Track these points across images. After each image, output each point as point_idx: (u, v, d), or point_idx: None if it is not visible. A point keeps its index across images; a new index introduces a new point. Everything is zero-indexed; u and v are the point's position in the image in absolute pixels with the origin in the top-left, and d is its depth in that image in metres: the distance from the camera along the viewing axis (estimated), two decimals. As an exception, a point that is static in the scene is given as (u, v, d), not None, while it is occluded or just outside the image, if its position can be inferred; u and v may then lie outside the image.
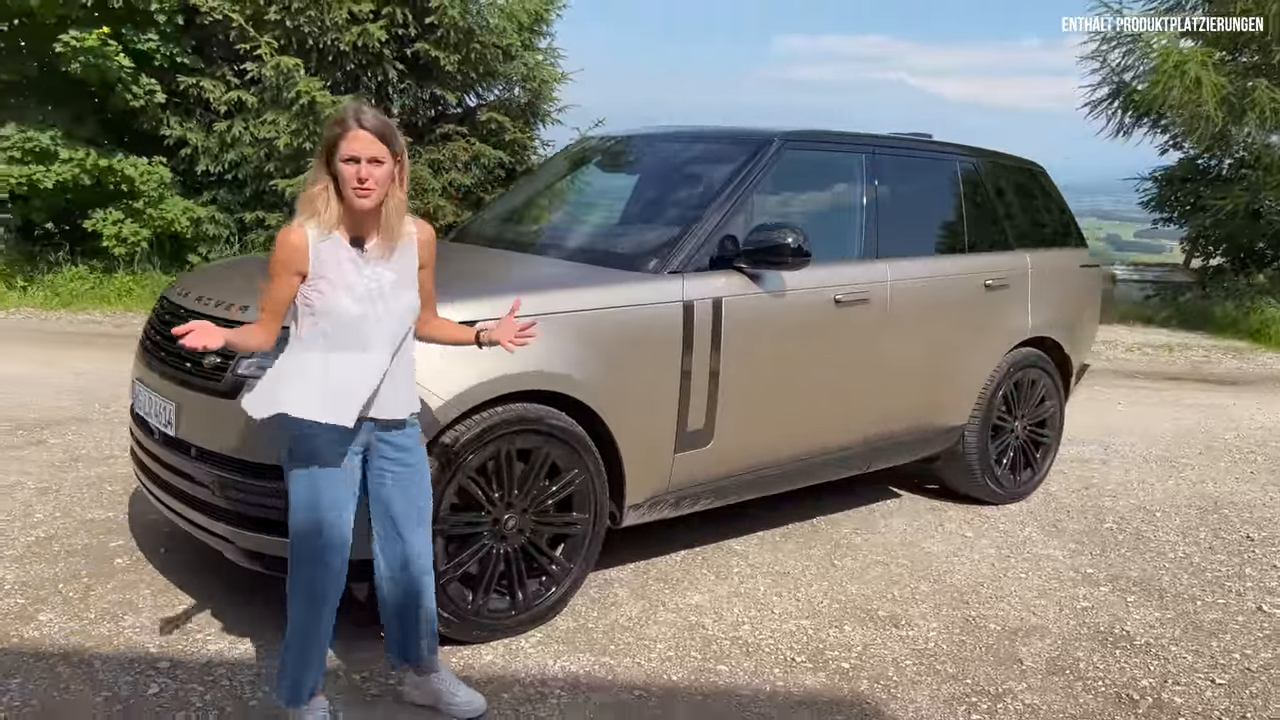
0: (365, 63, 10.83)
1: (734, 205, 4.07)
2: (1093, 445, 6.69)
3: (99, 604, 3.63)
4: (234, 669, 3.22)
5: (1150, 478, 5.97)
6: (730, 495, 4.16)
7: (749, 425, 4.09)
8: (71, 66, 9.77)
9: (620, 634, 3.59)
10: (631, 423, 3.69)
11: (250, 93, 10.58)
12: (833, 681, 3.35)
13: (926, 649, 3.61)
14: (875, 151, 4.63)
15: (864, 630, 3.73)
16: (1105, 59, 13.72)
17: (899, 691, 3.31)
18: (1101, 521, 5.11)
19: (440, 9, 10.53)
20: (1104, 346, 11.21)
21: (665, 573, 4.15)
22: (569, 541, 3.64)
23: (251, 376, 3.20)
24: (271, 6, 10.33)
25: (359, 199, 2.66)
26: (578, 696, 3.16)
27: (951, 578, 4.27)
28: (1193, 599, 4.19)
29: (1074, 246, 5.73)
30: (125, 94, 10.27)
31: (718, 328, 3.89)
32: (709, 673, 3.36)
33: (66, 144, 10.17)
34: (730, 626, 3.70)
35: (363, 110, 2.70)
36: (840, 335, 4.34)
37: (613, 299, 3.67)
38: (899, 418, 4.69)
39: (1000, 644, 3.69)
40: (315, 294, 2.69)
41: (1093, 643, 3.74)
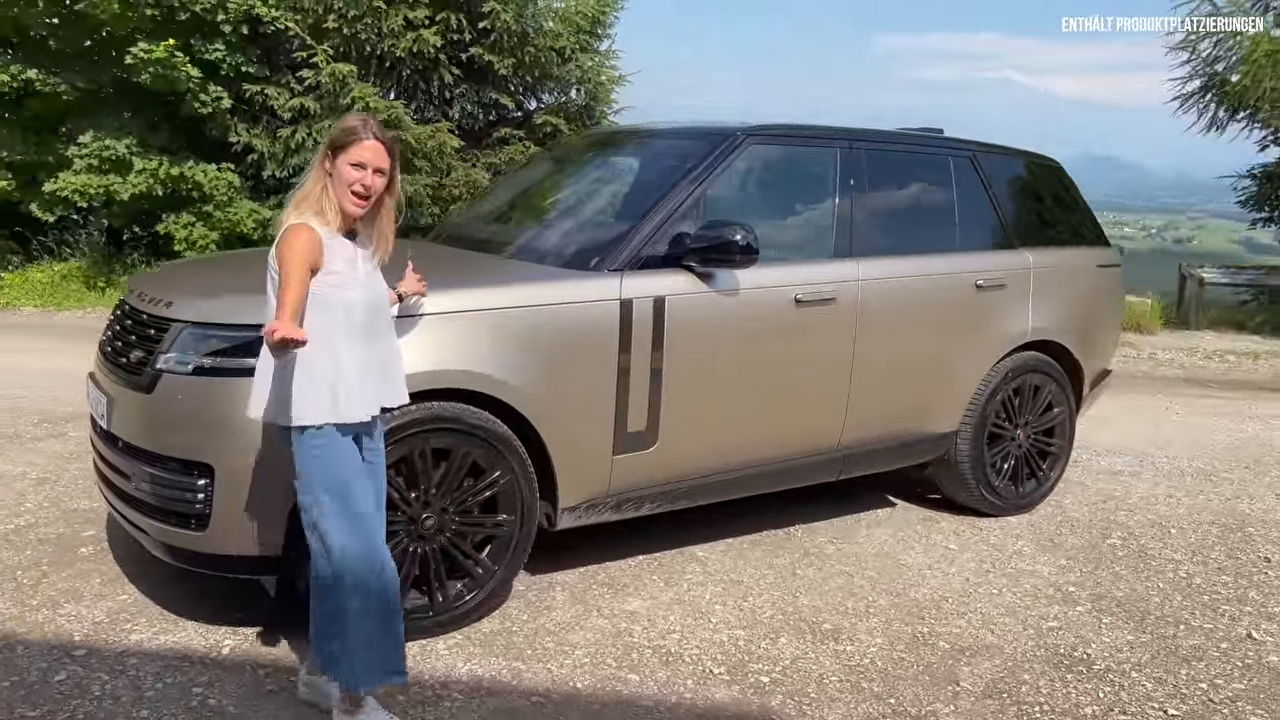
0: (422, 68, 11.01)
1: (686, 202, 3.96)
2: (1129, 456, 6.31)
3: (47, 591, 3.74)
4: (145, 659, 3.27)
5: (1179, 492, 5.60)
6: (681, 500, 4.05)
7: (698, 428, 3.97)
8: (142, 77, 10.19)
9: (542, 639, 3.53)
10: (562, 423, 3.63)
11: (311, 99, 10.86)
12: (744, 696, 3.21)
13: (859, 665, 3.44)
14: (852, 146, 4.45)
15: (799, 643, 3.58)
16: (1195, 50, 12.99)
17: (811, 709, 3.15)
18: (1106, 537, 4.81)
19: (493, 14, 10.63)
20: (1182, 354, 10.63)
21: (614, 577, 4.07)
22: (495, 543, 3.59)
23: (169, 372, 3.26)
24: (330, 15, 10.58)
25: (354, 205, 2.78)
26: (473, 700, 3.11)
27: (916, 592, 4.07)
28: (1177, 622, 3.90)
29: (1090, 245, 5.41)
30: (194, 102, 10.67)
31: (660, 327, 3.79)
32: (618, 681, 3.27)
33: (141, 152, 10.61)
34: (659, 635, 3.59)
35: (373, 122, 2.83)
36: (802, 336, 4.18)
37: (540, 297, 3.61)
38: (875, 423, 4.50)
39: (942, 663, 3.49)
40: (330, 288, 2.74)
41: (1045, 666, 3.50)
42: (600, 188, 4.47)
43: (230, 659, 3.29)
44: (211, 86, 10.72)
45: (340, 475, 2.76)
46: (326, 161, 2.80)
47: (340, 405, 2.73)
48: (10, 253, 11.61)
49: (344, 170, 2.76)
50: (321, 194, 2.79)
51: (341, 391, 2.73)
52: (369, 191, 2.79)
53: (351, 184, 2.76)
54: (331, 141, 2.81)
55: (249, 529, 3.19)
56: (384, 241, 2.94)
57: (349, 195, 2.77)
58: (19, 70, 10.29)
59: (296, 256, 2.67)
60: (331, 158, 2.79)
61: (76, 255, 11.84)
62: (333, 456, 2.75)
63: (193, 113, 10.82)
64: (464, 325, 3.44)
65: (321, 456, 2.75)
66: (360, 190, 2.77)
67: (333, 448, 2.75)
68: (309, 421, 2.72)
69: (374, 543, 2.81)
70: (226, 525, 3.19)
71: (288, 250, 2.68)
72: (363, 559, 2.77)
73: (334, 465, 2.76)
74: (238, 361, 3.16)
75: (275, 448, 3.06)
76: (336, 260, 2.76)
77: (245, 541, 3.20)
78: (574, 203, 4.48)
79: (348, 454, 2.78)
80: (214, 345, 3.22)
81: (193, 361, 3.22)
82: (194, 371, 3.21)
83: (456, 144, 10.81)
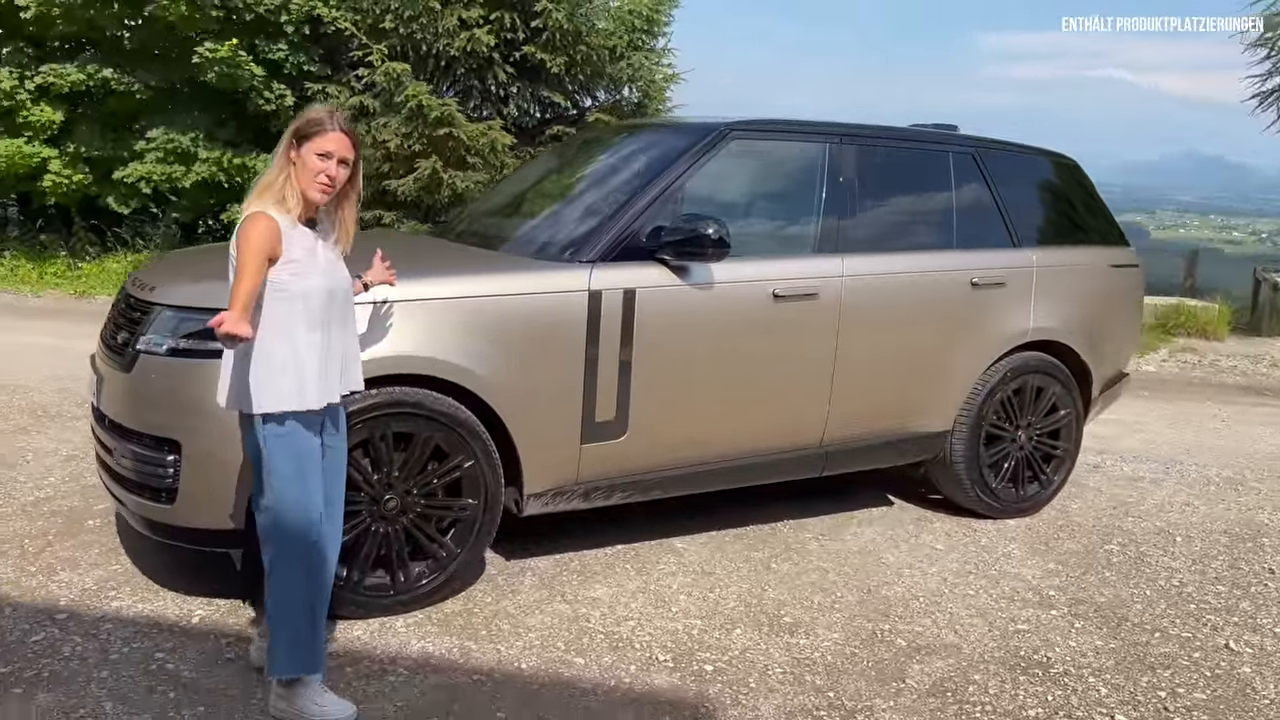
0: (476, 67, 11.21)
1: (663, 195, 4.01)
2: (1156, 463, 6.14)
3: (47, 559, 3.95)
4: (120, 625, 3.44)
5: (1198, 500, 5.43)
6: (654, 490, 4.09)
7: (670, 420, 4.01)
8: (208, 75, 10.59)
9: (500, 621, 3.61)
10: (527, 411, 3.70)
11: (368, 96, 11.14)
12: (682, 683, 3.25)
13: (808, 659, 3.45)
14: (843, 141, 4.44)
15: (753, 635, 3.59)
16: (1276, 46, 12.48)
17: (747, 699, 3.18)
18: (1104, 543, 4.70)
19: (546, 12, 10.77)
20: (1246, 360, 10.25)
21: (587, 565, 4.13)
22: (459, 527, 3.69)
23: (146, 352, 3.43)
24: (387, 15, 10.85)
25: (319, 193, 2.84)
26: (416, 676, 3.20)
27: (888, 590, 4.05)
28: (1154, 630, 3.80)
29: (1104, 244, 5.29)
30: (258, 100, 11.05)
31: (630, 319, 3.84)
32: (562, 664, 3.33)
33: (206, 146, 11.05)
34: (615, 621, 3.64)
35: (338, 114, 2.90)
36: (780, 331, 4.18)
37: (507, 287, 3.69)
38: (860, 420, 4.47)
39: (894, 660, 3.47)
40: (289, 276, 2.80)
41: (1000, 667, 3.46)
42: (586, 182, 4.53)
43: (198, 628, 3.45)
44: (275, 85, 11.09)
45: (295, 465, 2.84)
46: (291, 151, 2.85)
47: (300, 394, 2.81)
48: (89, 244, 12.16)
49: (310, 159, 2.82)
50: (284, 183, 2.83)
51: (301, 380, 2.81)
52: (334, 181, 2.86)
53: (317, 173, 2.82)
54: (296, 131, 2.86)
55: (214, 504, 3.34)
56: (346, 231, 3.00)
57: (314, 184, 2.83)
58: (95, 70, 10.80)
59: (254, 245, 2.73)
60: (296, 147, 2.85)
61: (150, 246, 12.35)
62: (290, 445, 2.83)
63: (257, 110, 11.20)
64: (430, 313, 3.55)
65: (279, 444, 2.83)
66: (326, 179, 2.84)
67: (291, 436, 2.83)
68: (268, 409, 2.80)
69: (317, 538, 2.89)
70: (193, 500, 3.35)
71: (245, 239, 2.75)
72: (303, 552, 2.87)
73: (290, 454, 2.83)
74: (207, 344, 3.30)
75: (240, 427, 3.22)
76: (296, 248, 2.83)
77: (210, 516, 3.35)
78: (560, 197, 4.55)
79: (305, 443, 2.85)
80: (188, 328, 3.38)
81: (167, 343, 3.38)
82: (167, 352, 3.37)
83: (509, 141, 10.97)
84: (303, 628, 2.89)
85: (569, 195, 4.50)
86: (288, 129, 2.89)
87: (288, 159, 2.86)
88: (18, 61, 11.04)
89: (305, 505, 2.87)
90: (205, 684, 3.10)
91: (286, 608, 2.88)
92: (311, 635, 2.90)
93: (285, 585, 2.89)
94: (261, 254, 2.74)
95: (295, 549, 2.88)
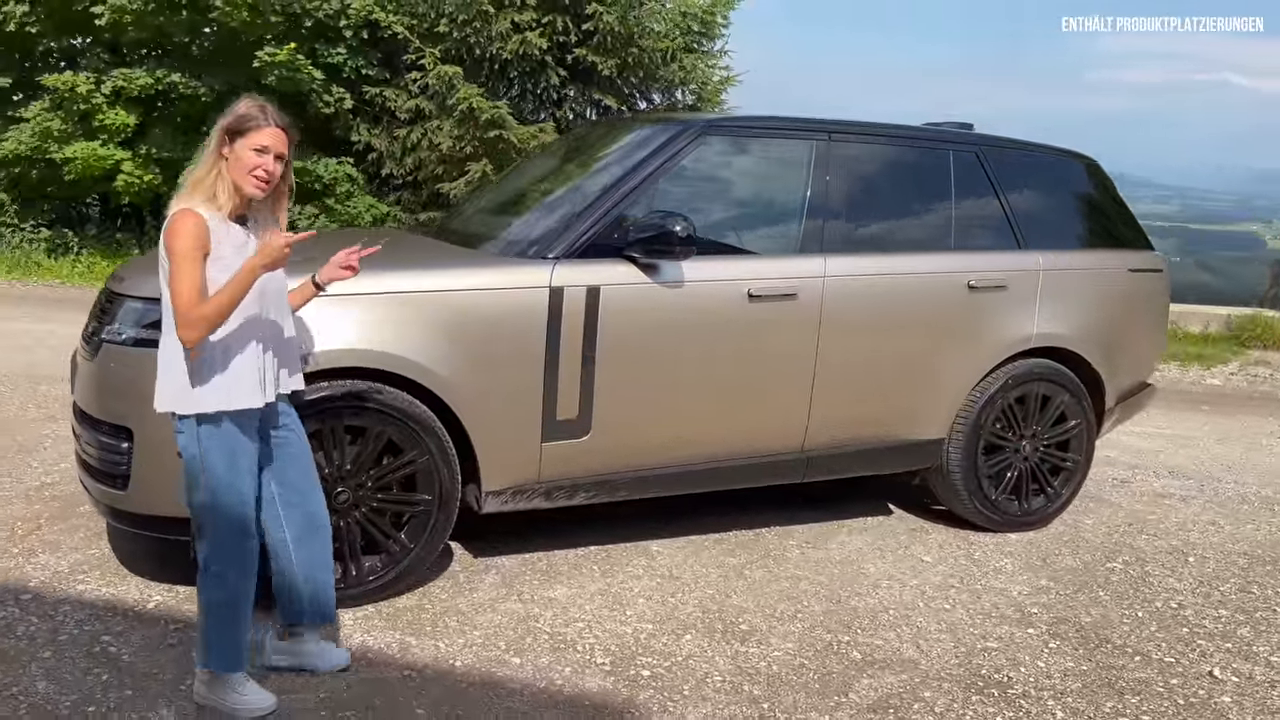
0: (529, 70, 11.30)
1: (632, 193, 3.95)
2: (1191, 479, 5.83)
3: (33, 542, 4.07)
4: (78, 607, 3.52)
5: (1226, 520, 5.14)
6: (620, 491, 4.03)
7: (637, 420, 3.94)
8: (269, 79, 10.88)
9: (450, 618, 3.59)
10: (484, 407, 3.68)
11: (424, 99, 11.32)
12: (614, 687, 3.18)
13: (752, 668, 3.35)
14: (831, 138, 4.32)
15: (703, 642, 3.50)
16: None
17: (676, 706, 3.09)
18: (1109, 560, 4.47)
19: (597, 15, 10.80)
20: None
21: (554, 565, 4.09)
22: (413, 522, 3.68)
23: (108, 341, 3.51)
24: (442, 20, 11.01)
25: (255, 188, 2.81)
26: (349, 670, 3.19)
27: (860, 601, 3.91)
28: (1135, 653, 3.60)
29: (1122, 248, 5.04)
30: (318, 102, 11.31)
31: (593, 316, 3.79)
32: (498, 663, 3.29)
33: (269, 148, 11.34)
34: (564, 623, 3.59)
35: (271, 108, 2.87)
36: (756, 333, 4.08)
37: (465, 282, 3.68)
38: (844, 425, 4.34)
39: (843, 674, 3.35)
40: (217, 273, 2.78)
41: (955, 685, 3.31)
42: (564, 179, 4.50)
43: (151, 613, 3.51)
44: (334, 88, 11.34)
45: (227, 464, 2.83)
46: (224, 146, 2.81)
47: (229, 393, 2.80)
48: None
49: (245, 155, 2.78)
50: (215, 179, 2.80)
51: (232, 379, 2.80)
52: (271, 176, 2.82)
53: (254, 169, 2.79)
54: (229, 127, 2.82)
55: (162, 491, 3.38)
56: (280, 225, 2.97)
57: (250, 179, 2.79)
58: (164, 74, 11.18)
59: (184, 244, 2.71)
60: (229, 143, 2.81)
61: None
62: (221, 445, 2.83)
63: (317, 113, 11.47)
64: (385, 307, 3.55)
65: (211, 445, 2.82)
66: (262, 175, 2.81)
67: (222, 436, 2.82)
68: (200, 409, 2.80)
69: (249, 539, 2.91)
70: (144, 486, 3.41)
71: (174, 238, 2.72)
72: (234, 553, 2.88)
73: (223, 454, 2.83)
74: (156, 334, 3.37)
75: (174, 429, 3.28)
76: (225, 246, 2.80)
77: (159, 503, 3.40)
78: (538, 194, 4.52)
79: (237, 443, 2.85)
80: (151, 318, 3.44)
81: (125, 332, 3.46)
82: (123, 341, 3.45)
83: (560, 143, 11.03)
84: (229, 626, 2.91)
85: (546, 193, 4.46)
86: (218, 124, 2.85)
87: (219, 155, 2.81)
88: (94, 66, 11.52)
89: (238, 506, 2.87)
90: (141, 668, 3.15)
91: (215, 606, 2.90)
92: (236, 633, 2.92)
93: (215, 584, 2.90)
94: (194, 250, 2.72)
95: (226, 549, 2.89)
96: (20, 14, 11.16)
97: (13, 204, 12.51)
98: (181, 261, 2.72)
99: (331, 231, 8.40)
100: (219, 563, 2.89)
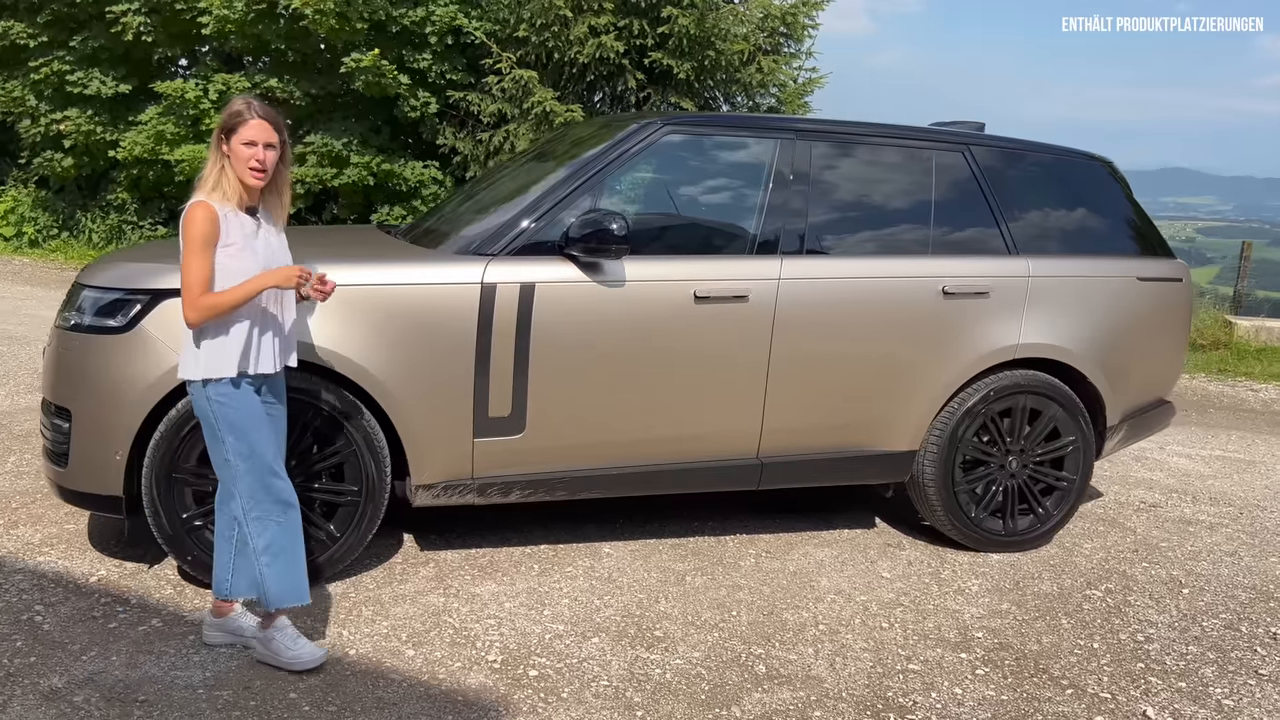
0: (607, 74, 11.36)
1: (577, 190, 3.93)
2: (1230, 507, 5.40)
3: (20, 515, 4.32)
4: (28, 577, 3.71)
5: (1249, 552, 4.73)
6: (559, 490, 4.00)
7: (574, 419, 3.91)
8: (356, 84, 11.29)
9: (366, 607, 3.64)
10: (411, 401, 3.71)
11: (505, 102, 11.52)
12: (494, 685, 3.16)
13: (645, 675, 3.27)
14: (797, 137, 4.19)
15: (607, 646, 3.45)
16: None
17: (546, 708, 3.05)
18: (1091, 587, 4.19)
19: (672, 19, 10.77)
20: None
21: (495, 561, 4.10)
22: (341, 512, 3.75)
23: (60, 327, 3.71)
24: (521, 25, 11.19)
25: (254, 179, 3.07)
26: (246, 651, 3.28)
27: (793, 615, 3.78)
28: (1070, 686, 3.35)
29: (1135, 255, 4.71)
30: (405, 107, 11.67)
31: (526, 314, 3.79)
32: (391, 654, 3.32)
33: (359, 151, 11.78)
34: (475, 619, 3.59)
35: (255, 102, 3.12)
36: (702, 335, 3.99)
37: (392, 277, 3.72)
38: (803, 433, 4.19)
39: (737, 688, 3.24)
40: (226, 258, 3.05)
41: (850, 707, 3.15)
42: (522, 178, 4.48)
43: (89, 587, 3.68)
44: (420, 92, 11.67)
45: (246, 416, 3.08)
46: (223, 145, 3.07)
47: (249, 359, 3.08)
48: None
49: (239, 150, 3.04)
50: (220, 175, 3.06)
51: (236, 348, 3.05)
52: (265, 164, 3.07)
53: (247, 161, 3.04)
54: (222, 126, 3.07)
55: (95, 470, 3.56)
56: (283, 207, 3.25)
57: (248, 171, 3.05)
58: (261, 79, 11.74)
59: (195, 233, 2.98)
60: (226, 141, 3.06)
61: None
62: (240, 402, 3.08)
63: (404, 117, 11.83)
64: (312, 300, 3.63)
65: (231, 402, 3.07)
66: (256, 165, 3.05)
67: (241, 395, 3.08)
68: (224, 374, 3.05)
69: (279, 481, 3.15)
70: (80, 464, 3.58)
71: (189, 227, 2.99)
72: (268, 488, 3.12)
73: (242, 409, 3.08)
74: (101, 321, 3.56)
75: (120, 399, 3.45)
76: (234, 234, 3.05)
77: (92, 480, 3.58)
78: (499, 193, 4.53)
79: (252, 400, 3.10)
80: (99, 305, 3.63)
81: (72, 319, 3.65)
82: (70, 327, 3.63)
83: (634, 146, 11.05)
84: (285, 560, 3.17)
85: (502, 192, 4.48)
86: (217, 127, 3.09)
87: (220, 153, 3.07)
88: (203, 74, 12.19)
89: (262, 448, 3.12)
90: (55, 638, 3.31)
91: (266, 547, 3.15)
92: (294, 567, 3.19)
93: (259, 527, 3.14)
94: (203, 239, 2.98)
95: (260, 490, 3.12)
96: (138, 24, 11.90)
97: (133, 203, 13.38)
98: (192, 250, 2.99)
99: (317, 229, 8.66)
100: (257, 507, 3.13)
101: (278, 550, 3.16)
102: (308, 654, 3.19)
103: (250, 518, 3.14)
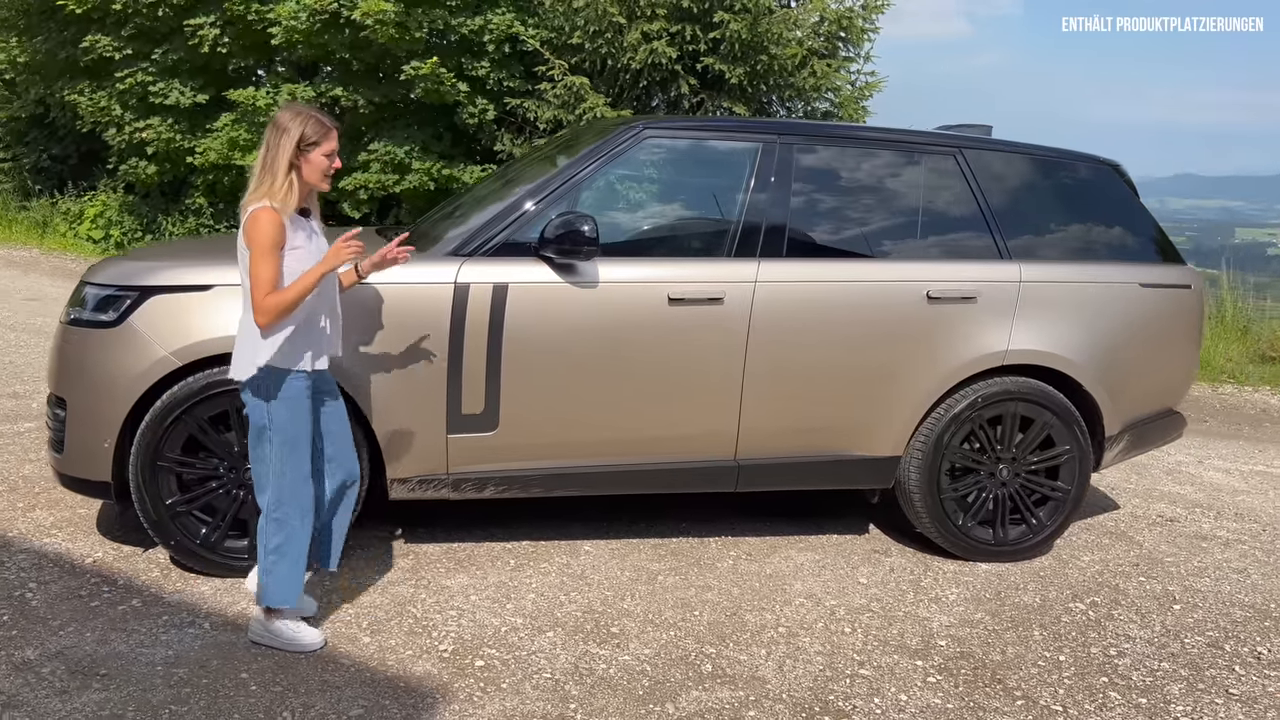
0: (660, 80, 11.43)
1: (555, 193, 4.00)
2: (1254, 525, 5.20)
3: (42, 498, 4.57)
4: (30, 557, 3.93)
5: (1259, 571, 4.55)
6: (534, 488, 4.07)
7: (547, 418, 3.98)
8: (416, 91, 11.58)
9: (334, 595, 3.76)
10: (383, 397, 3.83)
11: (559, 108, 11.67)
12: (437, 673, 3.25)
13: (588, 670, 3.32)
14: (780, 141, 4.20)
15: (560, 641, 3.50)
16: None
17: (481, 696, 3.13)
18: (1077, 599, 4.09)
19: (724, 24, 10.79)
20: None
21: (473, 555, 4.19)
22: (318, 501, 3.88)
23: (63, 321, 3.93)
24: (575, 32, 11.33)
25: (328, 184, 3.34)
26: (211, 633, 3.42)
27: (755, 617, 3.78)
28: (1022, 697, 3.29)
29: (1141, 261, 4.58)
30: (464, 114, 11.92)
31: (499, 313, 3.87)
32: (347, 640, 3.43)
33: (420, 157, 12.07)
34: (438, 610, 3.68)
35: (325, 115, 3.35)
36: (676, 337, 4.01)
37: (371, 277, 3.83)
38: (781, 436, 4.19)
39: (677, 686, 3.26)
40: (295, 261, 3.24)
41: (788, 709, 3.15)
42: (509, 180, 4.58)
43: (84, 568, 3.88)
44: (479, 100, 11.91)
45: (292, 417, 3.26)
46: (299, 157, 3.22)
47: (303, 357, 3.26)
48: (329, 244, 13.66)
49: (319, 160, 3.25)
50: (287, 183, 3.20)
51: (299, 345, 3.24)
52: (334, 169, 3.35)
53: (326, 170, 3.28)
54: (304, 138, 3.22)
55: (88, 457, 3.76)
56: (317, 204, 3.45)
57: (325, 179, 3.30)
58: (327, 88, 12.13)
59: (271, 242, 3.14)
60: (304, 154, 3.22)
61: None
62: (288, 400, 3.25)
63: (463, 124, 12.08)
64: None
65: (279, 401, 3.24)
66: (332, 172, 3.33)
67: (290, 394, 3.24)
68: (281, 367, 3.22)
69: (306, 484, 3.33)
70: (75, 451, 3.79)
71: (258, 233, 3.14)
72: (297, 495, 3.29)
73: (290, 408, 3.25)
74: (96, 315, 3.76)
75: (110, 390, 3.65)
76: (299, 236, 3.25)
77: (85, 466, 3.78)
78: (481, 197, 4.62)
79: (301, 400, 3.28)
80: (93, 302, 3.84)
81: (74, 313, 3.86)
82: (70, 322, 3.85)
83: (686, 152, 11.09)
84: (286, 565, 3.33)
85: (487, 195, 4.57)
86: (287, 138, 3.20)
87: (290, 163, 3.20)
88: (273, 83, 12.64)
89: (303, 455, 3.30)
90: (40, 614, 3.51)
91: (274, 549, 3.32)
92: (293, 573, 3.34)
93: (275, 528, 3.31)
94: (273, 244, 3.16)
95: (290, 495, 3.30)
96: (214, 36, 12.40)
97: (209, 207, 13.94)
98: (262, 255, 3.16)
99: None
100: (282, 508, 3.30)
101: (285, 553, 3.31)
102: (308, 637, 3.35)
103: (271, 517, 3.31)
